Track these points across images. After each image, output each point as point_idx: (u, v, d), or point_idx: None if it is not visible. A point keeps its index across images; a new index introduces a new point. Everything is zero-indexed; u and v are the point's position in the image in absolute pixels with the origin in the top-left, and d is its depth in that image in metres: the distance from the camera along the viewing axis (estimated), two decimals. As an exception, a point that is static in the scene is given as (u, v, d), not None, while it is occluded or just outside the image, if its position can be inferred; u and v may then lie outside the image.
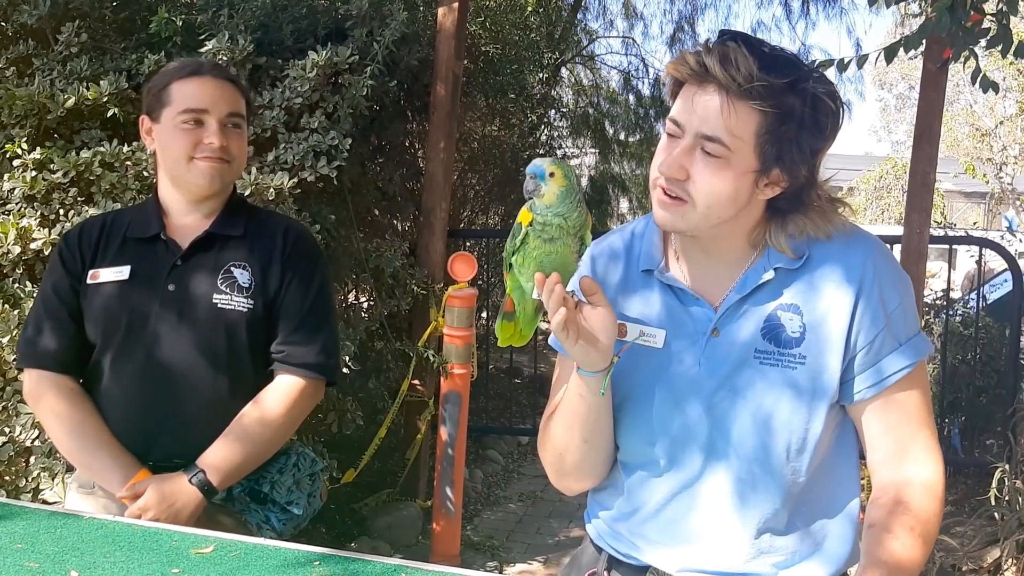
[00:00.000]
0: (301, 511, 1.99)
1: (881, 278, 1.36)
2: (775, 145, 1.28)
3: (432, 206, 4.47)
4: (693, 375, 1.40)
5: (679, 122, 1.32)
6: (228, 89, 1.95)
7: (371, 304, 4.49)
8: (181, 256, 1.92)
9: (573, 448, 1.45)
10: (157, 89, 1.93)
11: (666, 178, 1.32)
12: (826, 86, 1.30)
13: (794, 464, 1.37)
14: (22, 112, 3.15)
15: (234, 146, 1.94)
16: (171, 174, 1.95)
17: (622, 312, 1.45)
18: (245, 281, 1.92)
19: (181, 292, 1.90)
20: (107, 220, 2.01)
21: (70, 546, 1.49)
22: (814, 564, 1.41)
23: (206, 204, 1.96)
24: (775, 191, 1.34)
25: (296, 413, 1.94)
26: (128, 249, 1.94)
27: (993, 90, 3.33)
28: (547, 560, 4.28)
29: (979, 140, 20.12)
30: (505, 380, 7.01)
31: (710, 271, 1.42)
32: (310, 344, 1.95)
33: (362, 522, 4.24)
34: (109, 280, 1.91)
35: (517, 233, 1.39)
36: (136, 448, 1.88)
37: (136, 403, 1.88)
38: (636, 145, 9.04)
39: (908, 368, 1.36)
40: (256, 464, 1.91)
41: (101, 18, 3.58)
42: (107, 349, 1.90)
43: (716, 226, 1.34)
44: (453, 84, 4.39)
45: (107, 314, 1.90)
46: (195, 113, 1.89)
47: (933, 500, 1.35)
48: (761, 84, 1.25)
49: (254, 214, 2.06)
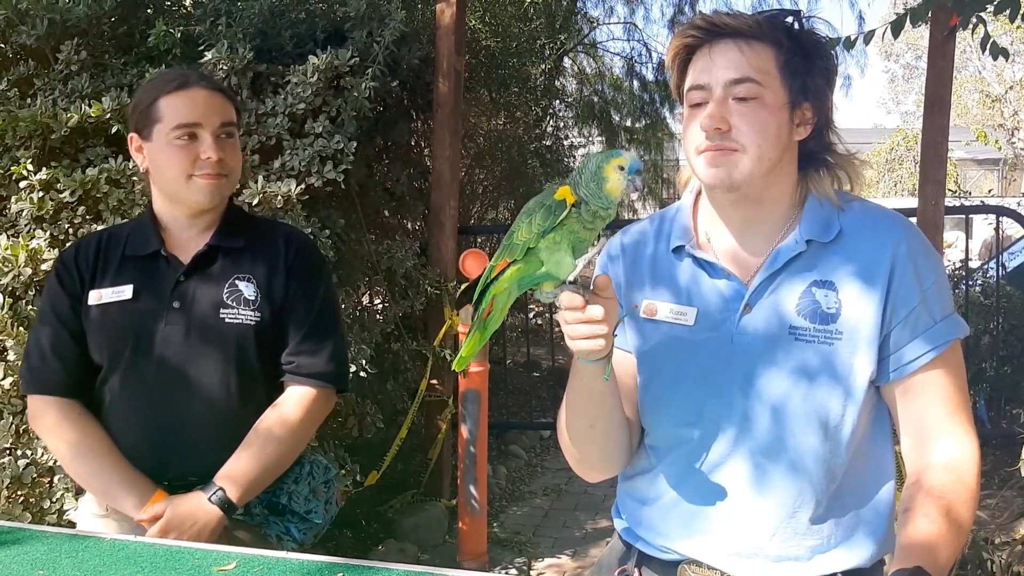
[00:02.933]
0: (321, 519, 1.97)
1: (915, 254, 1.35)
2: (798, 77, 1.34)
3: (441, 204, 4.45)
4: (726, 353, 1.38)
5: (702, 84, 1.35)
6: (218, 99, 1.90)
7: (385, 306, 4.48)
8: (184, 272, 1.89)
9: (581, 434, 1.44)
10: (145, 105, 1.89)
11: (709, 135, 1.33)
12: (809, 25, 1.39)
13: (833, 442, 1.35)
14: (26, 133, 3.15)
15: (230, 158, 1.90)
16: (168, 191, 1.91)
17: (653, 292, 1.45)
18: (251, 294, 1.89)
19: (186, 309, 1.87)
20: (103, 238, 1.97)
21: (91, 569, 1.48)
22: (851, 548, 1.39)
23: (204, 218, 1.93)
24: (807, 130, 1.37)
25: (310, 423, 1.92)
26: (128, 267, 1.91)
27: (1004, 57, 3.27)
28: (575, 553, 4.26)
29: (989, 107, 19.91)
30: (524, 374, 7.00)
31: (744, 245, 1.42)
32: (319, 353, 1.92)
33: (388, 524, 4.23)
34: (112, 300, 1.87)
35: (558, 211, 1.25)
36: (150, 469, 1.85)
37: (147, 424, 1.85)
38: (643, 131, 8.99)
39: (944, 346, 1.34)
40: (274, 476, 1.89)
41: (100, 34, 3.57)
42: (114, 370, 1.87)
43: (766, 174, 1.35)
44: (455, 80, 4.36)
45: (112, 335, 1.87)
46: (188, 128, 1.85)
47: (968, 482, 1.32)
48: (767, 23, 1.33)
49: (253, 223, 2.03)
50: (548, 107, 7.81)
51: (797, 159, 1.40)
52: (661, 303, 1.43)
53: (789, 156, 1.38)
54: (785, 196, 1.40)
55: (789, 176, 1.40)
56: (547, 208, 1.26)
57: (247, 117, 3.45)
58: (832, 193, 1.40)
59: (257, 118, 3.47)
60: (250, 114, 3.46)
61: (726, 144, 1.33)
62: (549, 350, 7.20)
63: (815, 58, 1.35)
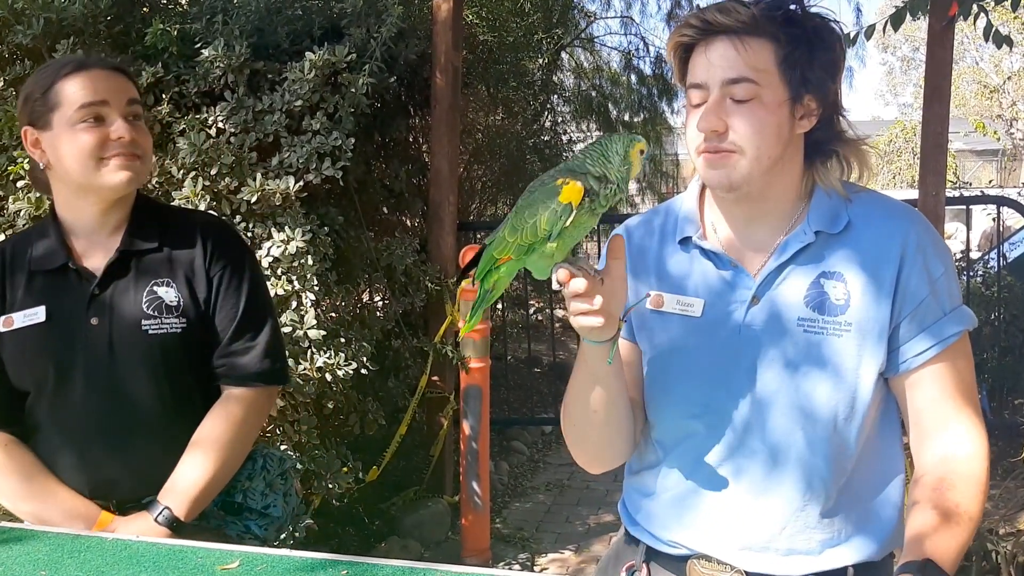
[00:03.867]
0: (280, 512, 1.89)
1: (925, 246, 1.34)
2: (797, 69, 1.30)
3: (440, 200, 4.43)
4: (734, 344, 1.37)
5: (700, 82, 1.32)
6: (119, 78, 1.75)
7: (385, 303, 4.47)
8: (97, 284, 1.75)
9: (584, 419, 1.42)
10: (40, 93, 1.72)
11: (707, 137, 1.31)
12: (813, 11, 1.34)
13: (842, 435, 1.34)
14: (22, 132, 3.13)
15: (141, 139, 1.75)
16: (77, 183, 1.73)
17: (659, 283, 1.44)
18: (172, 299, 1.76)
19: (105, 325, 1.74)
20: (5, 253, 1.81)
21: (94, 569, 1.47)
22: (861, 542, 1.38)
23: (114, 214, 1.78)
24: (811, 122, 1.35)
25: (249, 427, 1.83)
26: (36, 285, 1.76)
27: (1007, 45, 3.27)
28: (579, 548, 4.25)
29: (987, 97, 19.90)
30: (525, 370, 6.99)
31: (750, 238, 1.40)
32: (250, 351, 1.82)
33: (390, 522, 4.23)
34: (25, 324, 1.74)
35: (564, 216, 1.21)
36: (92, 491, 1.77)
37: (82, 447, 1.76)
38: (641, 125, 8.97)
39: (953, 338, 1.33)
40: (221, 484, 1.80)
41: (96, 33, 3.55)
42: (40, 396, 1.76)
43: (767, 172, 1.33)
44: (453, 76, 4.35)
45: (31, 361, 1.75)
46: (94, 107, 1.69)
47: (977, 474, 1.31)
48: (763, 18, 1.29)
49: (166, 218, 1.86)
50: (546, 102, 7.80)
51: (804, 150, 1.38)
52: (668, 294, 1.42)
53: (793, 150, 1.36)
54: (791, 190, 1.39)
55: (793, 170, 1.38)
56: (553, 212, 1.21)
57: (244, 115, 3.44)
58: (839, 186, 1.38)
59: (254, 115, 3.46)
60: (247, 112, 3.45)
61: (723, 147, 1.31)
62: (550, 346, 7.20)
63: (817, 47, 1.32)
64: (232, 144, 3.37)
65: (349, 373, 3.23)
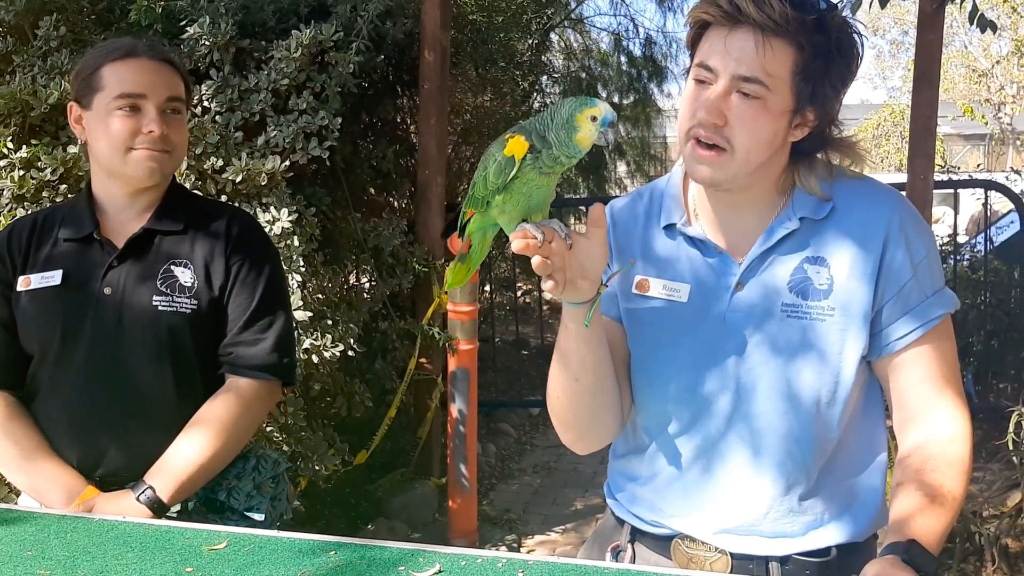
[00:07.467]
0: (263, 516, 1.85)
1: (907, 229, 1.34)
2: (809, 83, 1.28)
3: (428, 181, 4.41)
4: (719, 330, 1.37)
5: (711, 67, 1.29)
6: (166, 71, 1.79)
7: (372, 285, 4.45)
8: (117, 256, 1.78)
9: (567, 388, 1.40)
10: (87, 73, 1.76)
11: (703, 126, 1.29)
12: (845, 20, 1.29)
13: (825, 418, 1.35)
14: (5, 111, 3.10)
15: (174, 134, 1.79)
16: (106, 166, 1.79)
17: (645, 267, 1.43)
18: (187, 280, 1.78)
19: (117, 295, 1.76)
20: (38, 220, 1.85)
21: (81, 550, 1.46)
22: (844, 523, 1.39)
23: (144, 197, 1.82)
24: (803, 132, 1.33)
25: (249, 420, 1.82)
26: (60, 251, 1.80)
27: (991, 29, 3.27)
28: (565, 530, 4.27)
29: (975, 81, 19.94)
30: (512, 353, 7.00)
31: (734, 225, 1.40)
32: (260, 343, 1.82)
33: (378, 503, 4.23)
34: (40, 286, 1.77)
35: (507, 169, 1.23)
36: (82, 464, 1.77)
37: (77, 416, 1.76)
38: (631, 107, 8.94)
39: (935, 320, 1.33)
40: (211, 474, 1.78)
41: (79, 10, 3.51)
42: (44, 360, 1.78)
43: (752, 172, 1.32)
44: (441, 56, 4.31)
45: (40, 323, 1.77)
46: (131, 98, 1.73)
47: (960, 455, 1.32)
48: (795, 20, 1.24)
49: (196, 206, 1.90)
50: (535, 83, 7.75)
51: (789, 151, 1.37)
52: (654, 279, 1.41)
53: (780, 154, 1.35)
54: (773, 184, 1.38)
55: (774, 173, 1.37)
56: (498, 164, 1.23)
57: (230, 93, 3.40)
58: (817, 189, 1.36)
59: (240, 94, 3.43)
60: (233, 90, 3.42)
61: (717, 140, 1.29)
62: (538, 328, 7.21)
63: (834, 61, 1.28)
64: (217, 123, 3.34)
65: (336, 355, 3.23)
